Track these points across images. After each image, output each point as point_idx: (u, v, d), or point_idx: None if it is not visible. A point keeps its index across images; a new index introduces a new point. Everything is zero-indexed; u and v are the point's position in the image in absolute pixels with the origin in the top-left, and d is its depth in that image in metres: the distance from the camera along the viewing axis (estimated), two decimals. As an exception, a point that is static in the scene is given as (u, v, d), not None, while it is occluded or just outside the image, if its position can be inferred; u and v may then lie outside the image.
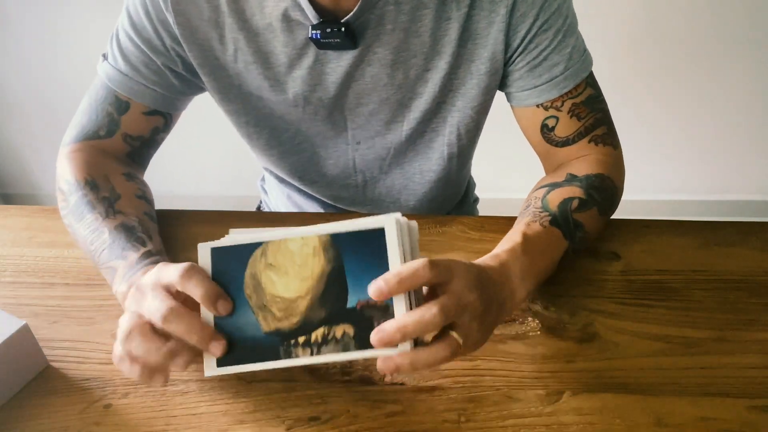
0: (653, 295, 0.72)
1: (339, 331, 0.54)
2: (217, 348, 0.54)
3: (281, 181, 0.97)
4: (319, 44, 0.73)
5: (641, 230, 0.80)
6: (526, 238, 0.66)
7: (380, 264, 0.53)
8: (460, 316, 0.54)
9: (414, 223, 0.55)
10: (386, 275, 0.52)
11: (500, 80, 0.79)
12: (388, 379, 0.62)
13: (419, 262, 0.52)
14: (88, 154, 0.79)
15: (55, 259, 0.78)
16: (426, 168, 0.88)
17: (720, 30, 1.69)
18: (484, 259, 0.63)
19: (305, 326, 0.55)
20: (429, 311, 0.52)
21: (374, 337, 0.52)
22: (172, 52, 0.77)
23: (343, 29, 0.71)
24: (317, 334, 0.55)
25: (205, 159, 2.02)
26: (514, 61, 0.76)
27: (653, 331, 0.67)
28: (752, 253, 0.77)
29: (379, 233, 0.53)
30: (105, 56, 0.80)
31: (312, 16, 0.71)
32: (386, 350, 0.53)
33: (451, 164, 0.88)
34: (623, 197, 0.81)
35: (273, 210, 1.09)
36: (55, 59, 1.82)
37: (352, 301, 0.54)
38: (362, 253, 0.53)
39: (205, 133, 1.90)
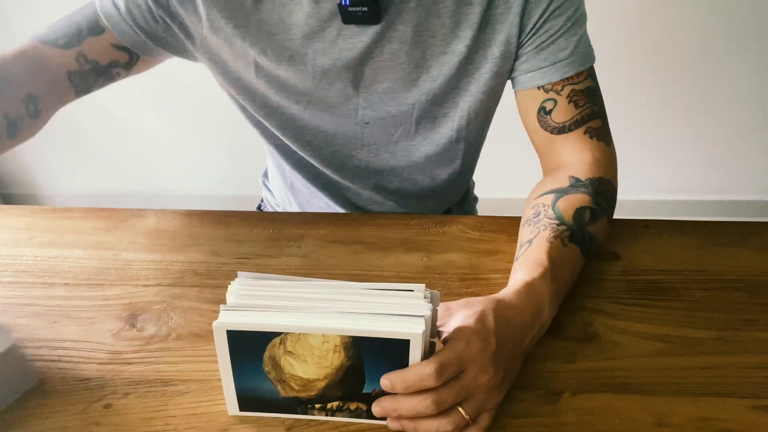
0: (653, 295, 0.72)
1: (353, 405, 0.57)
2: None
3: (284, 156, 0.95)
4: (345, 15, 0.74)
5: (641, 230, 0.80)
6: (553, 262, 0.66)
7: (401, 367, 0.54)
8: (472, 395, 0.56)
9: (436, 293, 0.55)
10: (395, 378, 0.54)
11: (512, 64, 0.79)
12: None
13: (429, 370, 0.53)
14: (23, 57, 0.76)
15: (55, 259, 0.78)
16: (432, 152, 0.89)
17: (720, 29, 1.69)
18: (519, 289, 0.63)
19: (321, 399, 0.57)
20: (423, 402, 0.54)
21: (374, 409, 0.56)
22: (173, 10, 0.76)
23: None
24: (332, 404, 0.57)
25: (205, 158, 2.02)
26: (523, 44, 0.78)
27: (653, 331, 0.67)
28: (752, 253, 0.77)
29: (403, 343, 0.53)
30: None
31: None
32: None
33: (459, 148, 0.88)
34: (623, 197, 0.81)
35: (274, 207, 1.09)
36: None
37: (368, 389, 0.56)
38: (384, 357, 0.54)
39: (205, 133, 1.90)
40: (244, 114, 0.90)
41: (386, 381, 0.54)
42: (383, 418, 0.57)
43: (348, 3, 0.73)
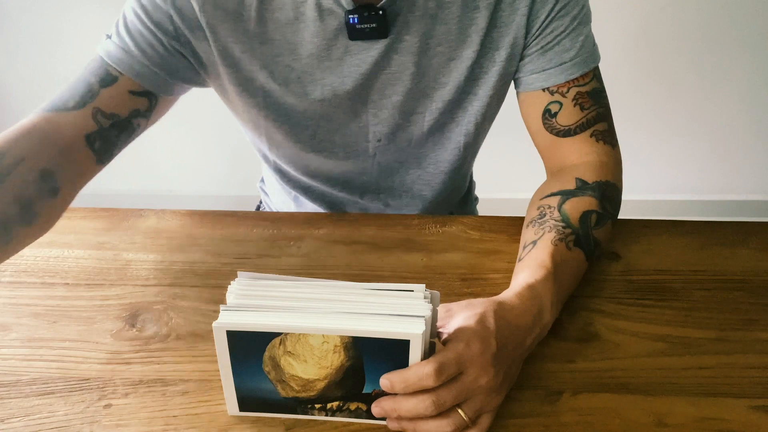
0: (653, 295, 0.72)
1: (353, 406, 0.57)
2: None
3: (287, 180, 0.96)
4: (353, 32, 0.73)
5: (641, 230, 0.80)
6: (557, 265, 0.66)
7: (401, 367, 0.54)
8: (471, 397, 0.56)
9: (436, 293, 0.55)
10: (394, 378, 0.54)
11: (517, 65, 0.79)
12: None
13: (428, 370, 0.53)
14: (32, 131, 0.67)
15: (55, 259, 0.78)
16: (441, 158, 0.89)
17: (720, 29, 1.69)
18: (520, 291, 0.63)
19: (322, 399, 0.57)
20: (423, 403, 0.54)
21: (374, 409, 0.56)
22: (183, 38, 0.74)
23: (380, 12, 0.71)
24: (333, 404, 0.57)
25: (205, 158, 2.02)
26: (529, 44, 0.77)
27: (653, 331, 0.67)
28: (752, 253, 0.77)
29: (403, 343, 0.52)
30: (109, 36, 0.76)
31: (346, 2, 0.71)
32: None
33: (465, 153, 0.88)
34: (623, 197, 0.81)
35: (274, 209, 1.09)
36: (55, 60, 1.82)
37: (368, 389, 0.56)
38: (384, 357, 0.54)
39: (204, 133, 1.90)
40: (250, 140, 0.89)
41: (385, 381, 0.54)
42: (383, 419, 0.57)
43: (356, 21, 0.72)
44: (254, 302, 0.54)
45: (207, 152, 1.99)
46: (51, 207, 0.67)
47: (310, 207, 0.98)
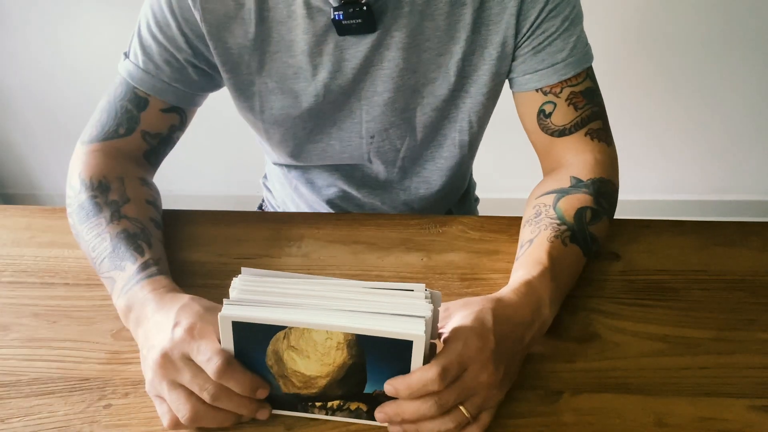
0: (653, 295, 0.72)
1: (353, 405, 0.58)
2: (264, 414, 0.59)
3: (287, 173, 0.97)
4: (341, 28, 0.74)
5: (641, 230, 0.80)
6: (553, 261, 0.66)
7: (403, 368, 0.54)
8: (474, 394, 0.56)
9: (438, 294, 0.55)
10: (399, 384, 0.54)
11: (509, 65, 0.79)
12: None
13: (432, 374, 0.53)
14: (107, 155, 0.78)
15: (55, 259, 0.78)
16: (437, 156, 0.89)
17: (720, 29, 1.69)
18: (517, 287, 0.63)
19: (322, 396, 0.57)
20: (426, 404, 0.54)
21: (377, 415, 0.57)
22: (195, 49, 0.77)
23: (365, 8, 0.72)
24: (333, 403, 0.58)
25: (205, 159, 2.02)
26: (520, 45, 0.77)
27: (653, 331, 0.67)
28: (752, 253, 0.77)
29: (406, 343, 0.53)
30: (126, 54, 0.80)
31: None
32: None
33: (462, 151, 0.88)
34: (623, 197, 0.81)
35: (275, 208, 1.09)
36: (55, 59, 1.82)
37: (369, 389, 0.56)
38: (386, 356, 0.54)
39: (205, 133, 1.89)
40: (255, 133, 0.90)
41: (390, 387, 0.54)
42: None
43: (341, 17, 0.72)
44: (257, 298, 0.54)
45: (207, 152, 1.99)
46: (156, 188, 0.83)
47: (310, 200, 0.98)
